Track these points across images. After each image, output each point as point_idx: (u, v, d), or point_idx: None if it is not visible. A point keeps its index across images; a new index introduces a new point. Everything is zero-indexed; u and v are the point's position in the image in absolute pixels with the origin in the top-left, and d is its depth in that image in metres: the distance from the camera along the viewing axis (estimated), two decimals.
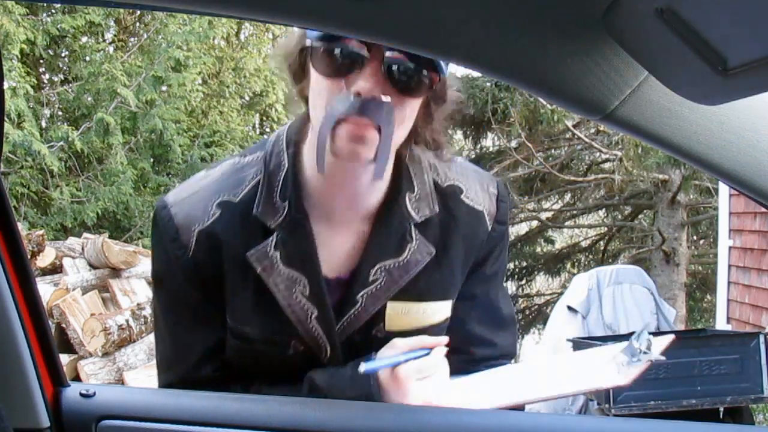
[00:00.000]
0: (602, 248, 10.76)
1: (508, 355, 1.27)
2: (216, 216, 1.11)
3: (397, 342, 1.13)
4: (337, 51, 0.97)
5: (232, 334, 1.15)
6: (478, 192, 1.20)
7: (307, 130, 1.11)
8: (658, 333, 4.56)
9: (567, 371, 1.17)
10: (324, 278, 1.13)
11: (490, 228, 1.19)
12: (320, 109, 1.02)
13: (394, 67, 0.97)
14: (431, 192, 1.15)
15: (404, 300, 1.15)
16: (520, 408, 1.14)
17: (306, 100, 1.08)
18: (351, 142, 0.98)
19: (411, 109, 1.03)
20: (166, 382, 1.22)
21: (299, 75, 1.08)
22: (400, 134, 1.04)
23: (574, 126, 8.67)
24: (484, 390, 1.14)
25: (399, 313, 1.15)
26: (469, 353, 1.21)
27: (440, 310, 1.18)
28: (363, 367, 1.07)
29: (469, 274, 1.21)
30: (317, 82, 1.02)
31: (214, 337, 1.16)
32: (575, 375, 1.16)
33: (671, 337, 1.10)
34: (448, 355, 1.14)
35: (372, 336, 1.15)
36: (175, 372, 1.20)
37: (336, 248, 1.14)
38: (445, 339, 1.14)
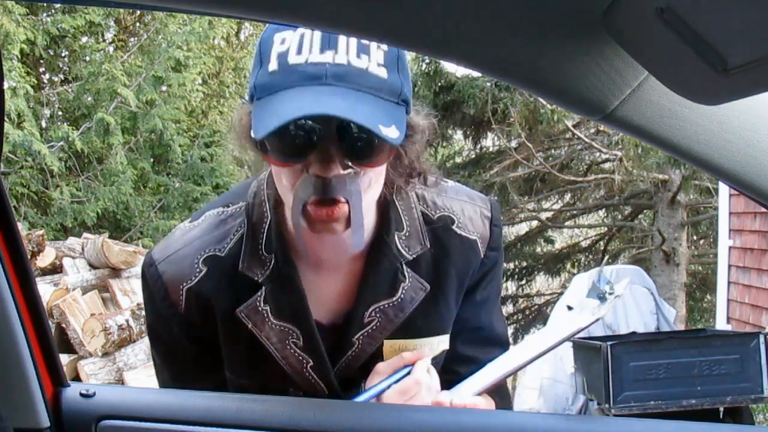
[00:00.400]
0: (602, 248, 10.75)
1: None
2: (203, 273, 1.10)
3: (381, 367, 1.13)
4: (287, 141, 0.93)
5: (231, 384, 1.16)
6: (472, 218, 1.16)
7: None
8: (658, 333, 4.56)
9: (546, 331, 1.18)
10: (318, 324, 1.11)
11: (482, 255, 1.16)
12: (284, 188, 1.01)
13: (349, 141, 0.93)
14: (421, 227, 1.12)
15: (401, 338, 1.14)
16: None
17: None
18: (323, 222, 0.98)
19: (376, 173, 1.01)
20: None
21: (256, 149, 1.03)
22: (369, 198, 1.02)
23: (574, 126, 8.67)
24: (475, 380, 1.15)
25: (396, 350, 1.14)
26: (455, 372, 1.19)
27: (438, 345, 1.17)
28: None
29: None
30: (275, 168, 1.01)
31: (217, 381, 1.16)
32: (554, 329, 1.17)
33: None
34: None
35: (371, 371, 1.14)
36: None
37: (328, 293, 1.13)
38: (424, 352, 1.14)
